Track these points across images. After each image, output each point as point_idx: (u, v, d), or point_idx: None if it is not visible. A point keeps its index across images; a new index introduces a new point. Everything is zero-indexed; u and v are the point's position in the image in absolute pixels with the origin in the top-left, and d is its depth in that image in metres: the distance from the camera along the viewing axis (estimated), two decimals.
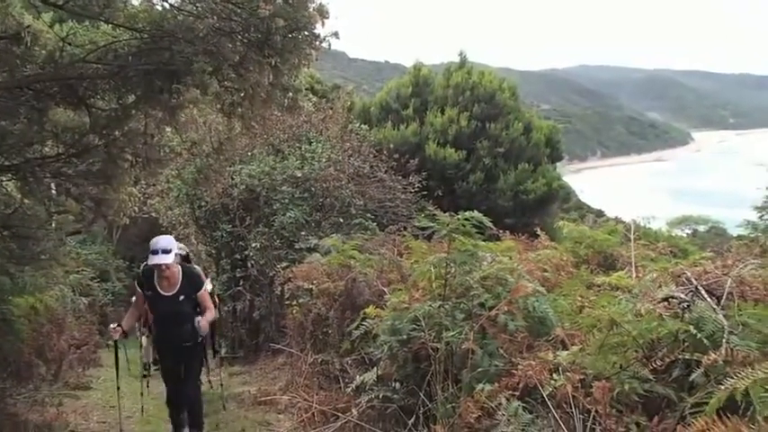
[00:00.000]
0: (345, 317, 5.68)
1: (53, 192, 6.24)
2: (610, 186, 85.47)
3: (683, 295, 2.88)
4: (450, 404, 3.38)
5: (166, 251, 4.85)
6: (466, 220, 3.97)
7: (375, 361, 4.49)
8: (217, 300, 6.62)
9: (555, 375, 2.83)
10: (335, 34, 4.28)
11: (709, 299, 2.84)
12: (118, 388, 5.90)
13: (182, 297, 5.05)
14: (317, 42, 4.28)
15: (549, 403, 2.75)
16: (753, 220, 11.29)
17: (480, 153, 16.50)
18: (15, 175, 5.67)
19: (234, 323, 11.29)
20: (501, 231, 6.25)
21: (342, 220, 10.35)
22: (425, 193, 12.93)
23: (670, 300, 2.91)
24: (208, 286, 5.48)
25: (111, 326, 5.33)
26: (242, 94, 4.66)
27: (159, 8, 4.42)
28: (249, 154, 11.41)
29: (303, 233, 9.79)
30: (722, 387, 1.96)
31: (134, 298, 5.62)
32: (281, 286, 7.59)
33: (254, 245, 10.17)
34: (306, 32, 4.20)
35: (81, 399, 7.58)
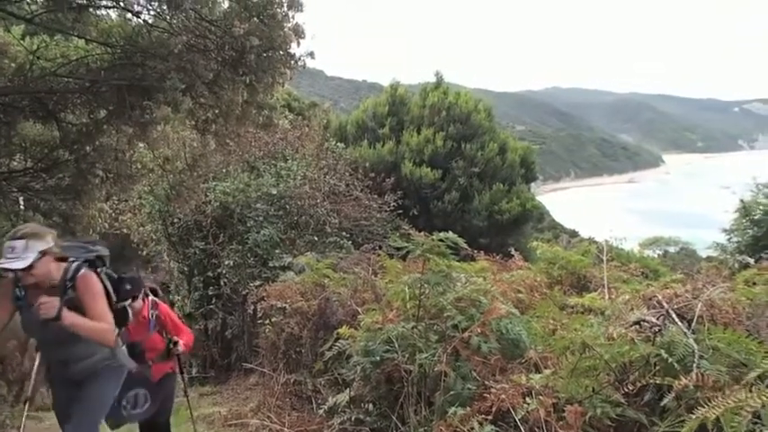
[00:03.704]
0: (319, 337, 5.61)
1: (21, 206, 6.10)
2: (583, 207, 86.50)
3: (654, 319, 2.89)
4: (423, 428, 3.34)
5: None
6: (440, 240, 3.94)
7: (348, 382, 4.42)
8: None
9: (528, 399, 2.80)
10: (311, 54, 4.29)
11: (680, 323, 2.86)
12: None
13: None
14: (293, 62, 4.28)
15: (521, 427, 2.73)
16: (721, 242, 11.49)
17: (456, 173, 16.62)
18: None
19: (205, 342, 11.08)
20: (475, 251, 6.23)
21: (316, 239, 10.31)
22: (401, 212, 12.99)
23: (641, 323, 2.92)
24: None
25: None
26: (216, 112, 4.63)
27: (133, 24, 4.38)
28: (224, 171, 11.32)
29: (277, 251, 9.72)
30: (693, 416, 1.96)
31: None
32: (254, 305, 7.49)
33: (227, 262, 10.05)
34: (281, 52, 4.19)
35: (44, 420, 7.32)
